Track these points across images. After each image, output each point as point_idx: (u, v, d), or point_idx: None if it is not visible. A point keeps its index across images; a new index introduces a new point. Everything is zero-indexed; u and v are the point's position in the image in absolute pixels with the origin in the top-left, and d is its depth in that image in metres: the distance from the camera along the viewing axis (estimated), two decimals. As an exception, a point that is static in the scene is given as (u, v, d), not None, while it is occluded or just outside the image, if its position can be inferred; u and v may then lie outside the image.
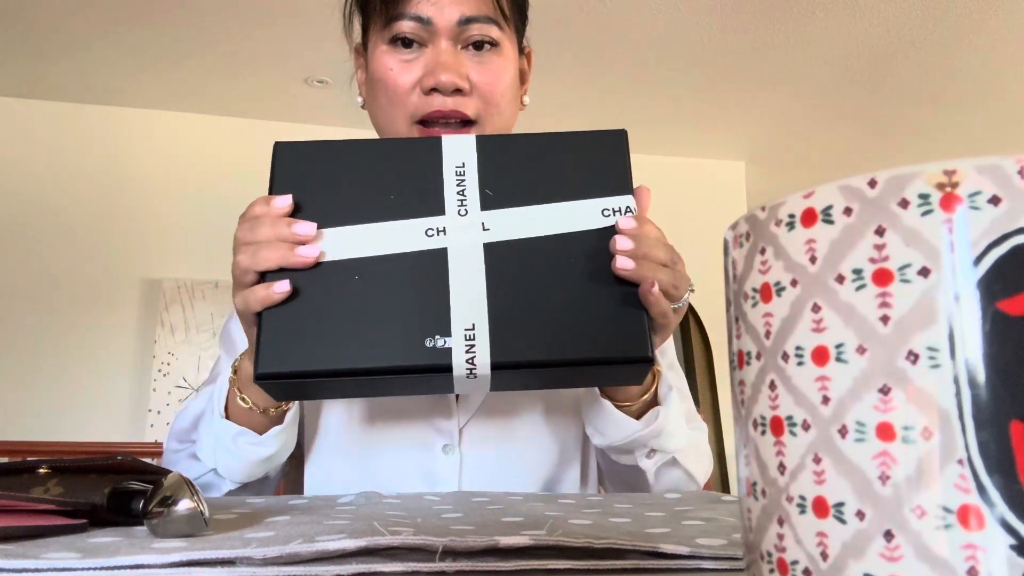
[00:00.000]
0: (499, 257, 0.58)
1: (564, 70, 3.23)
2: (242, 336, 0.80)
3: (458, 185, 0.60)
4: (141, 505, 0.44)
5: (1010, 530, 0.18)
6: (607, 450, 0.74)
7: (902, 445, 0.19)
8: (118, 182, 3.53)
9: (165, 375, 3.39)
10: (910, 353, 0.20)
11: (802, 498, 0.21)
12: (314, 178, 0.60)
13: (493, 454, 0.78)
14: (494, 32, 0.76)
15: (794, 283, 0.22)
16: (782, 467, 0.22)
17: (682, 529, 0.47)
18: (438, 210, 0.59)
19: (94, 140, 3.54)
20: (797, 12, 2.83)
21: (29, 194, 3.44)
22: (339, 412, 0.80)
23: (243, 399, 0.68)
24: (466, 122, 0.75)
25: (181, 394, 3.37)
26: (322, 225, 0.58)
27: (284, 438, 0.71)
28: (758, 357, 0.24)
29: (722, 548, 0.40)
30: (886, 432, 0.20)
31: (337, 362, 0.55)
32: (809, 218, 0.22)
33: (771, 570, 0.23)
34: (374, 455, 0.78)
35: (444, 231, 0.58)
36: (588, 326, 0.56)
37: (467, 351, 0.55)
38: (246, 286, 0.58)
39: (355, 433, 0.79)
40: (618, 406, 0.70)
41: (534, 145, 0.62)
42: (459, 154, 0.62)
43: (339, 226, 0.58)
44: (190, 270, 3.52)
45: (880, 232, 0.20)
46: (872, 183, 0.21)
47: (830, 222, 0.22)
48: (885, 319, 0.20)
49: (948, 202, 0.20)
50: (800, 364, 0.22)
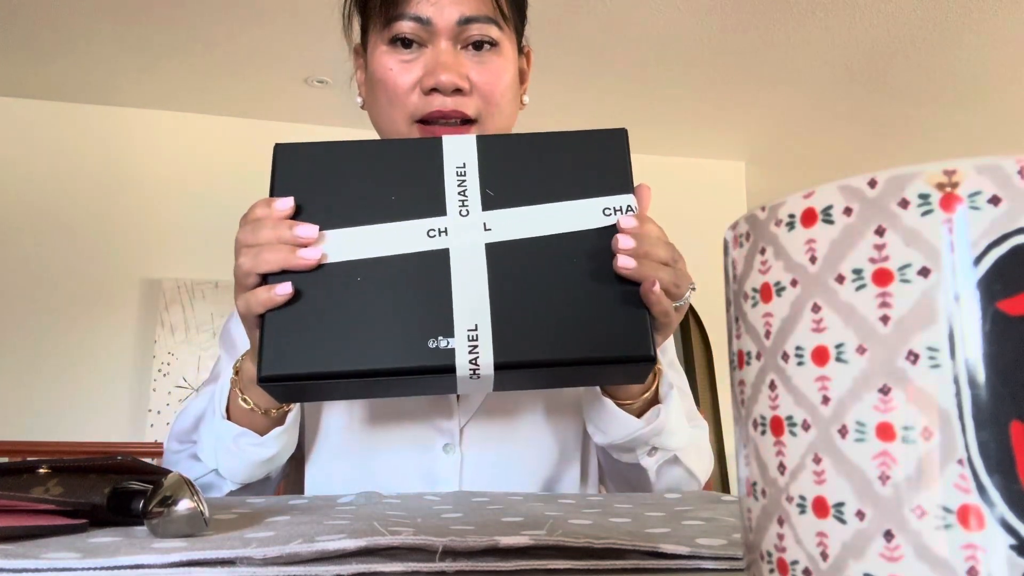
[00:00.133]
0: (501, 257, 0.58)
1: (564, 70, 3.23)
2: (242, 336, 0.80)
3: (459, 185, 0.60)
4: (141, 505, 0.44)
5: (1010, 530, 0.18)
6: (608, 448, 0.74)
7: (902, 445, 0.19)
8: (118, 182, 3.53)
9: (165, 375, 3.39)
10: (910, 353, 0.20)
11: (802, 498, 0.21)
12: (315, 180, 0.60)
13: (493, 454, 0.79)
14: (494, 32, 0.76)
15: (794, 283, 0.22)
16: (782, 467, 0.22)
17: (682, 529, 0.47)
18: (439, 211, 0.59)
19: (94, 140, 3.54)
20: (797, 12, 2.83)
21: (29, 194, 3.44)
22: (339, 412, 0.80)
23: (245, 400, 0.68)
24: (467, 121, 0.75)
25: (181, 394, 3.37)
26: (324, 227, 0.58)
27: (285, 439, 0.71)
28: (758, 357, 0.24)
29: (722, 548, 0.40)
30: (886, 432, 0.20)
31: (340, 364, 0.54)
32: (809, 218, 0.22)
33: (771, 570, 0.23)
34: (374, 455, 0.78)
35: (446, 232, 0.58)
36: (590, 325, 0.56)
37: (470, 352, 0.55)
38: (248, 288, 0.57)
39: (355, 433, 0.79)
40: (619, 404, 0.70)
41: (535, 145, 0.62)
42: (460, 154, 0.62)
43: (341, 228, 0.58)
44: (190, 270, 3.52)
45: (880, 232, 0.20)
46: (872, 183, 0.21)
47: (830, 222, 0.22)
48: (885, 319, 0.20)
49: (948, 202, 0.20)
50: (800, 364, 0.22)
